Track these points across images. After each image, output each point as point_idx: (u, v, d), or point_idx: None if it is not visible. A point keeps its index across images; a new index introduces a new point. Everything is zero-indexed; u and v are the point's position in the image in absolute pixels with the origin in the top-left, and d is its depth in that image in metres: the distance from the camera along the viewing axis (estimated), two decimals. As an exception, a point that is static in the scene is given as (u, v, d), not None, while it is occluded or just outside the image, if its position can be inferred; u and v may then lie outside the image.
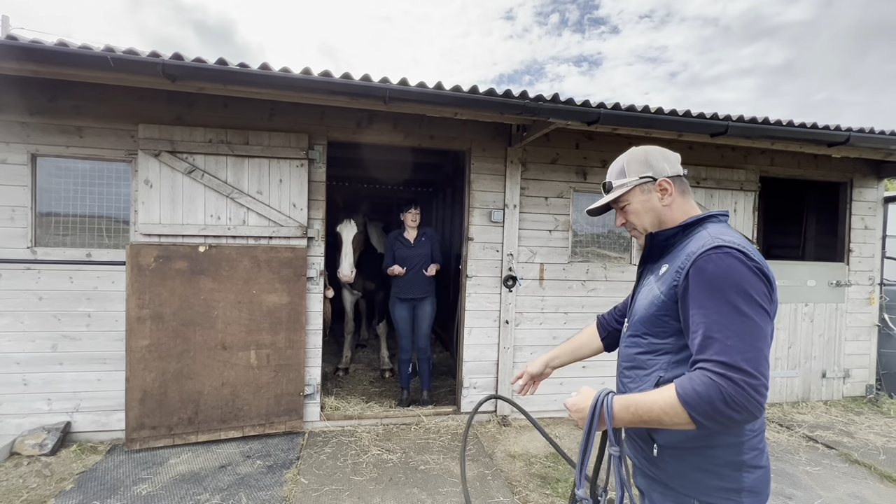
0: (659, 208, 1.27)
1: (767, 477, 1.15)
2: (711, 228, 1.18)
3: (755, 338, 0.99)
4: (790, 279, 4.52)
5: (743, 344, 0.97)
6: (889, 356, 4.78)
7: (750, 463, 1.11)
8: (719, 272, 1.04)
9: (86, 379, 3.27)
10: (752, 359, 0.96)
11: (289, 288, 3.43)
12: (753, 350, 0.97)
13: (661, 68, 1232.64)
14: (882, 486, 3.06)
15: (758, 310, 1.01)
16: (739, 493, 1.10)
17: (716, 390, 0.95)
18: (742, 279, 1.02)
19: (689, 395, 0.98)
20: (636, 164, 1.30)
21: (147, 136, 3.22)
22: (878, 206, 4.77)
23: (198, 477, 2.89)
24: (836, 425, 4.04)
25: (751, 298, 1.01)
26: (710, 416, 0.97)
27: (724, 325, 1.00)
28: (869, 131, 3.62)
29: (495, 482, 2.94)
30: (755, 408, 0.95)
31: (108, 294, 3.27)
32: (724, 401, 0.94)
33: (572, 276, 4.02)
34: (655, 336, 1.20)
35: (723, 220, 1.23)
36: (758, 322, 1.00)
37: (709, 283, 1.04)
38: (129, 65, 2.55)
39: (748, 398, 0.94)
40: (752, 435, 1.12)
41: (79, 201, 3.29)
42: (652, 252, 1.30)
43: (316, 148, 3.53)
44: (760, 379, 0.96)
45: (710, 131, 3.35)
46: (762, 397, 0.96)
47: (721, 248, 1.06)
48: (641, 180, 1.28)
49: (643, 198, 1.28)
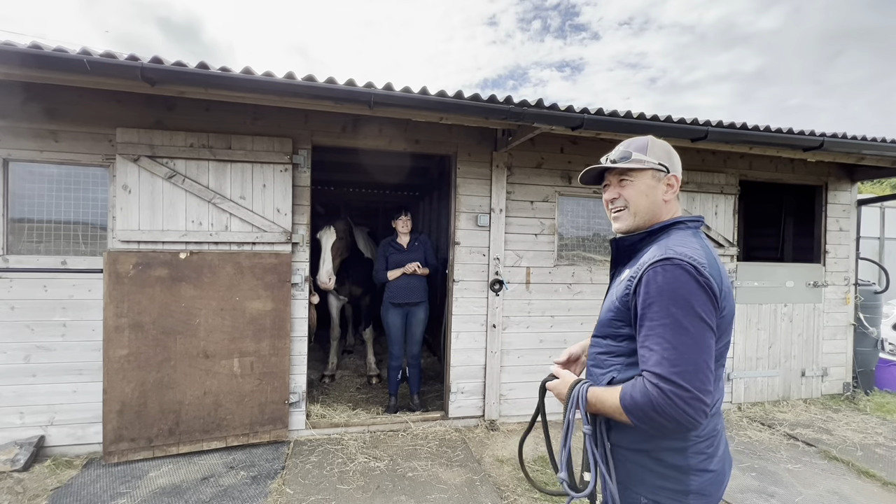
0: (659, 200, 1.27)
1: (719, 480, 1.18)
2: (673, 237, 1.20)
3: (693, 351, 1.02)
4: (770, 280, 4.62)
5: (679, 357, 1.02)
6: (864, 354, 4.92)
7: (696, 467, 1.15)
8: (664, 285, 1.07)
9: (60, 391, 3.16)
10: (685, 372, 1.01)
11: (273, 294, 3.38)
12: (689, 364, 1.01)
13: (642, 74, 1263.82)
14: (860, 482, 3.14)
15: (698, 324, 1.04)
16: (686, 495, 1.14)
17: (647, 400, 1.03)
18: (685, 293, 1.05)
19: (627, 400, 1.07)
20: (659, 150, 1.29)
21: (125, 140, 3.15)
22: (852, 208, 4.92)
23: (179, 490, 2.81)
24: (816, 423, 4.13)
25: (692, 312, 1.04)
26: (644, 421, 1.05)
27: (665, 337, 1.04)
28: (842, 136, 3.74)
29: (483, 487, 2.92)
30: (684, 419, 1.00)
31: (85, 303, 3.18)
32: (654, 409, 1.02)
33: (558, 279, 4.05)
34: (612, 339, 1.25)
35: (692, 226, 1.24)
36: (696, 336, 1.03)
37: (655, 295, 1.08)
38: (106, 68, 2.49)
39: (676, 409, 0.99)
40: (699, 441, 1.15)
41: (53, 207, 3.19)
42: (620, 256, 1.33)
43: (300, 152, 3.49)
44: (692, 392, 1.00)
45: (691, 136, 3.42)
46: (692, 409, 1.00)
47: (671, 261, 1.09)
48: (659, 167, 1.27)
49: (651, 183, 1.27)
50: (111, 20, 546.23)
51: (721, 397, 1.22)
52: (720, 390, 1.20)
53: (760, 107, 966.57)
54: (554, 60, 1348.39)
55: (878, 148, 3.82)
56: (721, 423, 1.23)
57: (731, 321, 1.17)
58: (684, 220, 1.24)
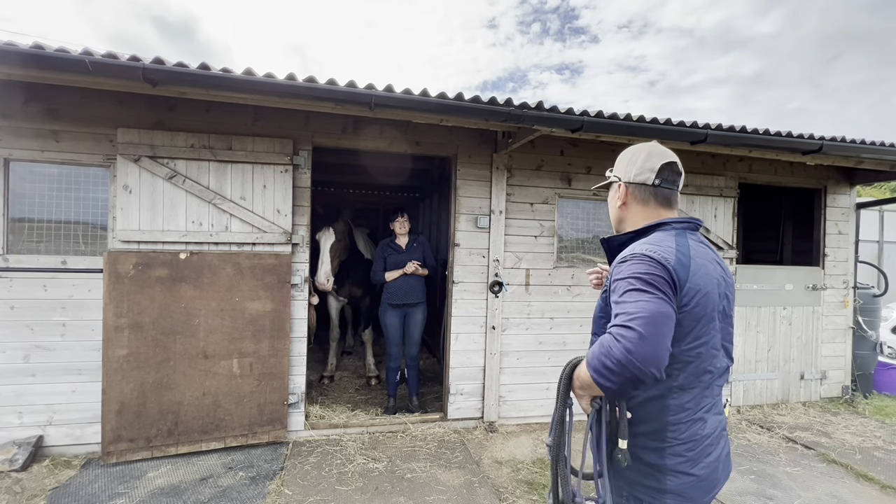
0: (615, 209, 1.38)
1: (704, 486, 1.19)
2: (650, 237, 1.25)
3: (647, 305, 1.06)
4: (769, 283, 4.63)
5: (634, 308, 1.06)
6: (863, 357, 4.92)
7: (674, 468, 1.17)
8: (624, 270, 1.15)
9: (59, 391, 3.16)
10: (636, 317, 1.04)
11: (273, 295, 3.38)
12: (642, 313, 1.05)
13: (641, 77, 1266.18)
14: (858, 485, 3.14)
15: (653, 289, 1.09)
16: (663, 494, 1.18)
17: (599, 346, 1.08)
18: (641, 270, 1.12)
19: (590, 356, 1.12)
20: (619, 162, 1.39)
21: (126, 140, 3.15)
22: (851, 211, 4.93)
23: (177, 490, 2.81)
24: (815, 426, 4.13)
25: (647, 282, 1.10)
26: (599, 371, 1.07)
27: (624, 301, 1.10)
28: (840, 140, 3.75)
29: (482, 489, 2.92)
30: (629, 362, 1.01)
31: (85, 302, 3.18)
32: (605, 354, 1.06)
33: (558, 281, 4.05)
34: (599, 335, 1.30)
35: (677, 227, 1.26)
36: (652, 296, 1.08)
37: (618, 281, 1.15)
38: (108, 69, 2.50)
39: (623, 351, 1.02)
40: (677, 443, 1.17)
41: (54, 207, 3.19)
42: (612, 256, 1.37)
43: (301, 153, 3.50)
44: (641, 333, 1.02)
45: (690, 139, 3.43)
46: (639, 351, 1.01)
47: (634, 255, 1.16)
48: (612, 178, 1.39)
49: (612, 195, 1.41)
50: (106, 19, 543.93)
51: (711, 402, 1.22)
52: (707, 395, 1.21)
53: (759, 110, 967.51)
54: (553, 63, 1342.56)
55: (877, 152, 3.83)
56: (709, 430, 1.20)
57: (703, 319, 1.16)
58: (669, 221, 1.28)
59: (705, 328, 1.17)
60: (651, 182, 1.30)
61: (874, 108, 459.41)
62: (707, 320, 1.17)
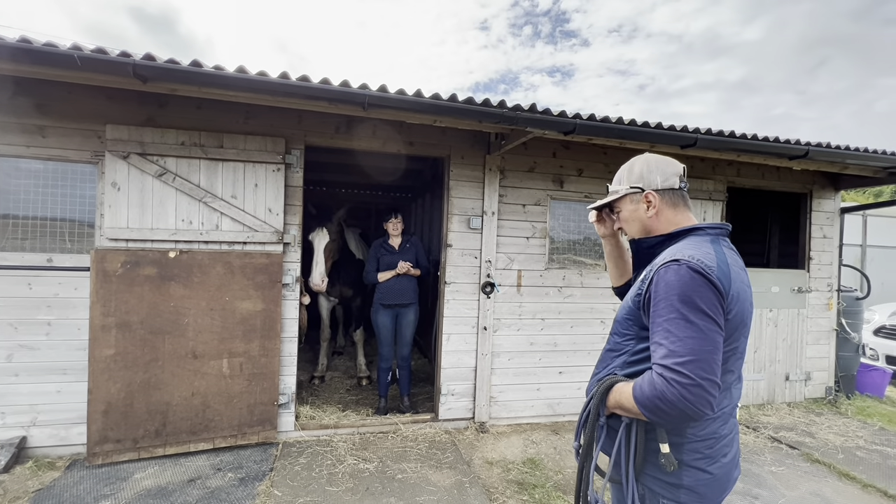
0: (644, 219, 1.36)
1: (718, 485, 1.20)
2: (686, 241, 1.24)
3: (697, 343, 1.06)
4: (756, 286, 4.70)
5: (684, 348, 1.06)
6: (846, 359, 5.02)
7: (690, 464, 1.18)
8: (672, 283, 1.12)
9: (44, 391, 3.10)
10: (688, 362, 1.05)
11: (263, 295, 3.36)
12: (693, 354, 1.05)
13: (630, 81, 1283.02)
14: (841, 484, 3.20)
15: (703, 318, 1.08)
16: (678, 489, 1.19)
17: (653, 389, 1.08)
18: (690, 290, 1.10)
19: (638, 392, 1.13)
20: (630, 174, 1.38)
21: (115, 137, 3.11)
22: (836, 216, 5.03)
23: (165, 491, 2.78)
24: (799, 426, 4.21)
25: (697, 308, 1.09)
26: (652, 411, 1.09)
27: (671, 331, 1.09)
28: (826, 145, 3.83)
29: (473, 489, 2.93)
30: (686, 407, 1.04)
31: (71, 301, 3.13)
32: (659, 398, 1.07)
33: (549, 282, 4.08)
34: (621, 336, 1.31)
35: (711, 233, 1.28)
36: (702, 328, 1.07)
37: (663, 293, 1.13)
38: (97, 64, 2.46)
39: (678, 398, 1.03)
40: (696, 440, 1.19)
41: (40, 204, 3.13)
42: (640, 258, 1.38)
43: (293, 152, 3.48)
44: (694, 380, 1.03)
45: (681, 143, 3.48)
46: (693, 396, 1.03)
47: (677, 262, 1.14)
48: (631, 190, 1.36)
49: (632, 207, 1.38)
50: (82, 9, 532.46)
51: (730, 403, 1.24)
52: (727, 397, 1.22)
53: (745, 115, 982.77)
54: (545, 66, 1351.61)
55: (861, 157, 3.91)
56: (727, 430, 1.23)
57: (739, 327, 1.18)
58: (703, 226, 1.29)
59: (737, 334, 1.18)
60: (678, 186, 1.33)
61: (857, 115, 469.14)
62: (742, 327, 1.19)
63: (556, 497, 2.87)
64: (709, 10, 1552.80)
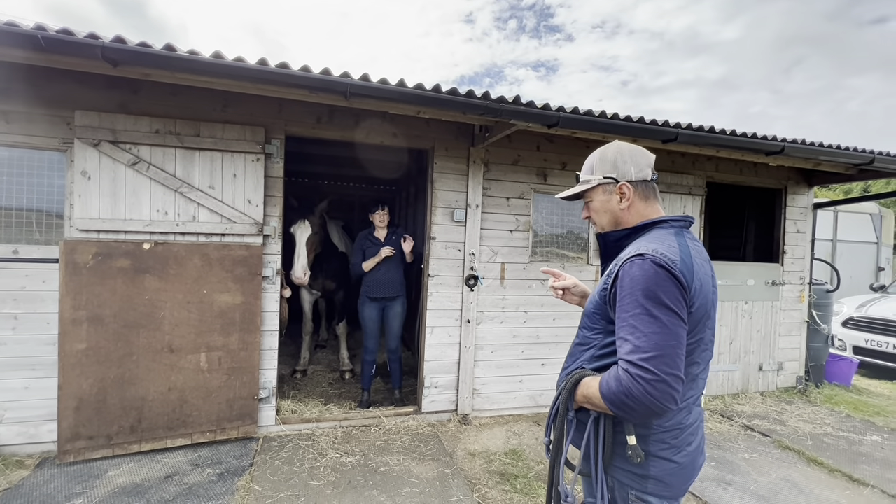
0: (616, 210, 1.33)
1: (684, 474, 1.23)
2: (651, 235, 1.24)
3: (661, 338, 1.07)
4: (732, 279, 4.82)
5: (649, 344, 1.07)
6: (816, 349, 5.21)
7: (657, 454, 1.20)
8: (635, 278, 1.13)
9: (11, 387, 2.99)
10: (652, 357, 1.06)
11: (243, 287, 3.29)
12: (657, 349, 1.06)
13: (613, 77, 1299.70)
14: (809, 470, 3.33)
15: (667, 312, 1.09)
16: (645, 479, 1.21)
17: (619, 384, 1.09)
18: (653, 284, 1.10)
19: (605, 387, 1.13)
20: (603, 163, 1.34)
21: (85, 123, 2.98)
22: (809, 211, 5.19)
23: (140, 489, 2.71)
24: (771, 414, 4.36)
25: (660, 302, 1.09)
26: (618, 406, 1.10)
27: (636, 327, 1.09)
28: (801, 142, 3.93)
29: (455, 481, 2.94)
30: (651, 402, 1.05)
31: (39, 294, 3.01)
32: (624, 394, 1.07)
33: (532, 275, 4.10)
34: (589, 330, 1.32)
35: (675, 225, 1.27)
36: (666, 323, 1.08)
37: (627, 288, 1.14)
38: (63, 46, 2.34)
39: (643, 393, 1.04)
40: (661, 430, 1.21)
41: (4, 193, 3.00)
42: (607, 251, 1.37)
43: (273, 142, 3.40)
44: (658, 375, 1.04)
45: (662, 137, 3.51)
46: (657, 392, 1.04)
47: (641, 256, 1.14)
48: (605, 180, 1.33)
49: (604, 198, 1.35)
50: None
51: (695, 394, 1.25)
52: (692, 387, 1.24)
53: (724, 112, 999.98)
54: (529, 60, 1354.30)
55: (833, 154, 4.03)
56: (691, 420, 1.24)
57: (703, 318, 1.19)
58: (668, 219, 1.28)
59: (701, 326, 1.19)
60: (650, 177, 1.31)
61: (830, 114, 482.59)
62: (704, 319, 1.20)
63: (538, 487, 2.91)
64: (690, 8, 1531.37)
